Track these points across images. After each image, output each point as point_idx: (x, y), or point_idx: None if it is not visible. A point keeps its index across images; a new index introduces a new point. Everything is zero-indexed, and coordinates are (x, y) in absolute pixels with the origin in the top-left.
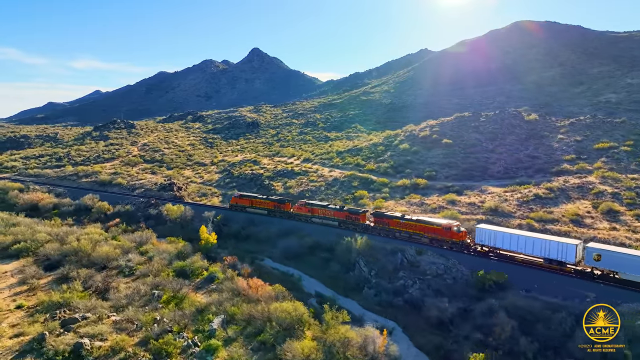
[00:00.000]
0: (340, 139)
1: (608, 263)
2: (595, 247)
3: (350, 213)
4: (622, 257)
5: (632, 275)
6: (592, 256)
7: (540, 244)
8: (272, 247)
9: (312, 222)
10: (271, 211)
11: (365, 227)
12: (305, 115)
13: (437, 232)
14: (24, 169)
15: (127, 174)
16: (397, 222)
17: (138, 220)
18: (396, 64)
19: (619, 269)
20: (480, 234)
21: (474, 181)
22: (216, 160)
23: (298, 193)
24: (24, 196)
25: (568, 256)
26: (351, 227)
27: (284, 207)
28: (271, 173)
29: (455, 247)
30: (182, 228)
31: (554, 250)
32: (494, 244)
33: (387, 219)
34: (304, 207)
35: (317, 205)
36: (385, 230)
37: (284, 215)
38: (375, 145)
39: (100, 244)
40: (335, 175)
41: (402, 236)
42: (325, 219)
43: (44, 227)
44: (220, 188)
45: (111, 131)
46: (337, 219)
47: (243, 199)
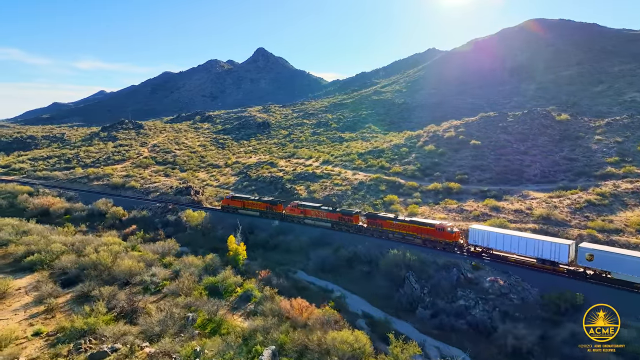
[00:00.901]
0: (355, 139)
1: (600, 263)
2: (587, 247)
3: (343, 214)
4: (614, 257)
5: (624, 275)
6: (584, 256)
7: (533, 244)
8: (304, 257)
9: (305, 224)
10: (263, 212)
11: (358, 228)
12: (316, 116)
13: (431, 232)
14: (32, 171)
15: (140, 176)
16: (391, 223)
17: (155, 227)
18: (403, 63)
19: (611, 269)
20: (474, 235)
21: (510, 185)
22: (230, 161)
23: (323, 197)
24: (34, 201)
25: (561, 256)
26: (344, 228)
27: (276, 208)
28: (291, 176)
29: (449, 247)
30: (203, 236)
31: (547, 250)
32: (487, 244)
33: (380, 220)
34: (296, 208)
35: (310, 207)
36: (378, 231)
37: (277, 216)
38: (398, 146)
39: (120, 256)
40: (360, 178)
41: (396, 237)
42: (318, 220)
43: (58, 236)
44: (239, 191)
45: (119, 132)
46: (330, 220)
47: (235, 200)
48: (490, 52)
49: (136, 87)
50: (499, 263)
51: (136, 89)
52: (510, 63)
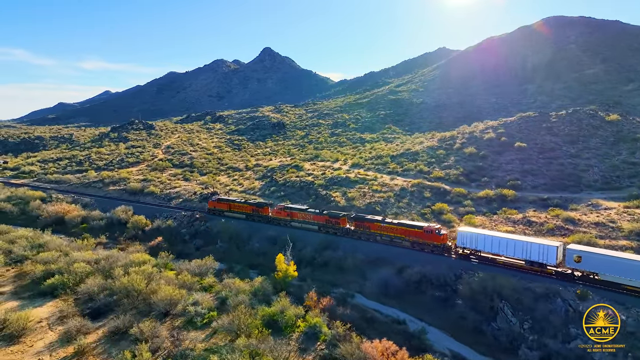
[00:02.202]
0: (376, 140)
1: (588, 264)
2: (575, 249)
3: (330, 217)
4: (602, 259)
5: (611, 276)
6: (572, 258)
7: (521, 246)
8: (360, 277)
9: (292, 227)
10: (249, 215)
11: (345, 231)
12: (331, 116)
13: (419, 235)
14: (43, 173)
15: (158, 180)
16: (378, 225)
17: (183, 239)
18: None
19: (598, 270)
20: (462, 237)
21: (569, 192)
22: (250, 164)
23: (365, 206)
24: (48, 208)
25: (549, 258)
26: (331, 231)
27: (262, 211)
28: (323, 181)
29: (437, 250)
30: (238, 249)
31: (535, 252)
32: (475, 246)
33: (368, 223)
34: (282, 210)
35: (297, 209)
36: (366, 234)
37: (263, 219)
38: (433, 148)
39: (154, 277)
40: (399, 183)
41: (384, 240)
42: (305, 223)
43: (79, 252)
44: (266, 197)
45: (130, 132)
46: (317, 223)
47: (221, 203)
48: (508, 50)
49: (142, 87)
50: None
51: (142, 89)
52: (531, 62)
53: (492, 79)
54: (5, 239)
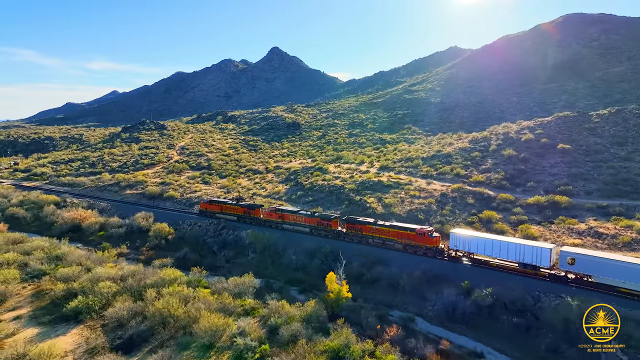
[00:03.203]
0: (397, 141)
1: (582, 267)
2: (569, 251)
3: (322, 219)
4: (596, 261)
5: (605, 279)
6: (566, 260)
7: (514, 249)
8: (418, 298)
9: (283, 229)
10: (241, 217)
11: (337, 233)
12: (347, 116)
13: (411, 237)
14: (55, 176)
15: (177, 184)
16: (370, 227)
17: (211, 249)
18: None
19: (592, 273)
20: (455, 239)
21: (630, 199)
22: (270, 166)
23: (405, 213)
24: (64, 214)
25: (542, 260)
26: (323, 233)
27: (254, 213)
28: (354, 185)
29: (429, 252)
30: (272, 262)
31: (528, 254)
32: (468, 249)
33: (359, 225)
34: (274, 212)
35: (288, 211)
36: (358, 236)
37: (254, 221)
38: (466, 150)
39: (191, 299)
40: (437, 188)
41: (376, 242)
42: (297, 225)
43: (103, 267)
44: (293, 203)
45: (141, 132)
46: (309, 226)
47: (213, 205)
48: (526, 49)
49: (149, 87)
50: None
51: (149, 89)
52: (552, 60)
53: (511, 78)
54: (20, 250)
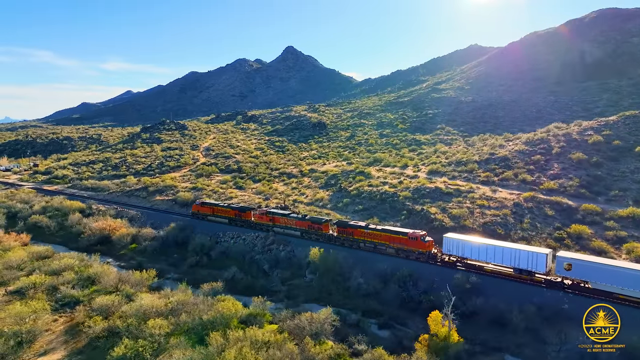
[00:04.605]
0: (432, 142)
1: (579, 272)
2: (565, 257)
3: (313, 222)
4: (593, 267)
5: (603, 285)
6: (562, 266)
7: (509, 254)
8: (534, 339)
9: (274, 232)
10: (232, 219)
11: (328, 237)
12: (373, 115)
13: (403, 242)
14: (78, 179)
15: (209, 189)
16: (362, 231)
17: (261, 268)
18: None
19: (589, 279)
20: (448, 244)
21: None
22: (304, 169)
23: (480, 226)
24: (91, 224)
25: (538, 266)
26: (314, 237)
27: (245, 215)
28: (409, 192)
29: (422, 257)
30: (337, 287)
31: (523, 259)
32: (462, 254)
33: (351, 229)
34: (265, 215)
35: (279, 214)
36: (349, 240)
37: (245, 224)
38: (524, 153)
39: (268, 349)
40: (506, 197)
41: (367, 247)
42: (287, 229)
43: (147, 296)
44: (340, 212)
45: (162, 132)
46: (300, 229)
47: (205, 207)
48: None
49: (164, 87)
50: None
51: (164, 89)
52: (590, 57)
53: (545, 75)
54: (47, 270)
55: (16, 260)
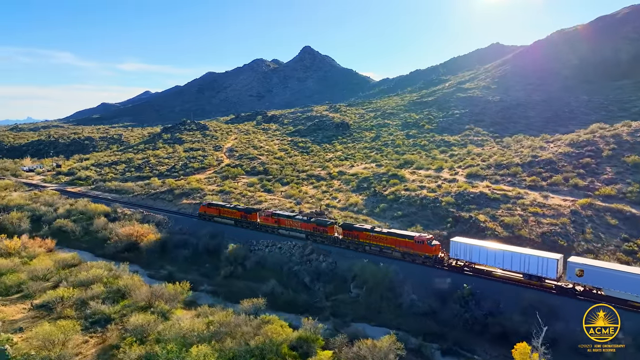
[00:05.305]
0: (462, 144)
1: (591, 279)
2: (577, 262)
3: (318, 224)
4: (607, 273)
5: (617, 292)
6: (574, 272)
7: (519, 259)
8: None
9: (279, 234)
10: (238, 221)
11: (333, 239)
12: (397, 115)
13: (409, 245)
14: (101, 180)
15: (237, 192)
16: (367, 234)
17: (301, 281)
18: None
19: (603, 285)
20: (455, 248)
21: None
22: (333, 172)
23: (538, 237)
24: (118, 229)
25: (549, 272)
26: (319, 239)
27: (250, 217)
28: (452, 198)
29: (429, 261)
30: (387, 304)
31: (533, 265)
32: (469, 258)
33: (356, 232)
34: (270, 217)
35: (284, 216)
36: (354, 243)
37: (251, 225)
38: (570, 155)
39: None
40: (559, 203)
41: (373, 250)
42: (293, 231)
43: (184, 316)
44: (378, 217)
45: (183, 133)
46: (305, 231)
47: (211, 208)
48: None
49: (182, 87)
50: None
51: (182, 90)
52: (625, 55)
53: (575, 74)
54: (75, 281)
55: (42, 270)
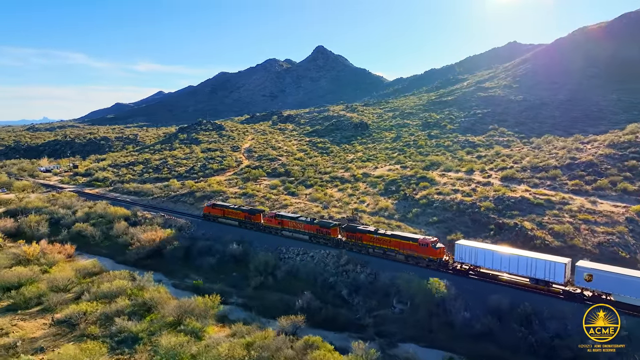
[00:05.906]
0: (487, 145)
1: (600, 284)
2: (585, 267)
3: (321, 226)
4: (617, 278)
5: (627, 297)
6: (582, 276)
7: (525, 263)
8: None
9: (283, 235)
10: (242, 222)
11: (337, 241)
12: (416, 115)
13: (413, 248)
14: (119, 182)
15: (260, 195)
16: (371, 237)
17: (338, 293)
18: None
19: (612, 291)
20: (460, 251)
21: None
22: (357, 173)
23: (595, 246)
24: (140, 234)
25: (556, 276)
26: (322, 241)
27: (254, 218)
28: (491, 203)
29: (433, 265)
30: (437, 321)
31: (540, 269)
32: (474, 261)
33: (360, 234)
34: (274, 218)
35: (288, 217)
36: (358, 245)
37: (254, 226)
38: (613, 158)
39: None
40: (610, 209)
41: (376, 252)
42: (296, 232)
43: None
44: (411, 223)
45: (199, 133)
46: (308, 233)
47: (216, 209)
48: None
49: (195, 87)
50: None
51: (195, 90)
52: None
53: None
54: (98, 292)
55: (62, 280)
